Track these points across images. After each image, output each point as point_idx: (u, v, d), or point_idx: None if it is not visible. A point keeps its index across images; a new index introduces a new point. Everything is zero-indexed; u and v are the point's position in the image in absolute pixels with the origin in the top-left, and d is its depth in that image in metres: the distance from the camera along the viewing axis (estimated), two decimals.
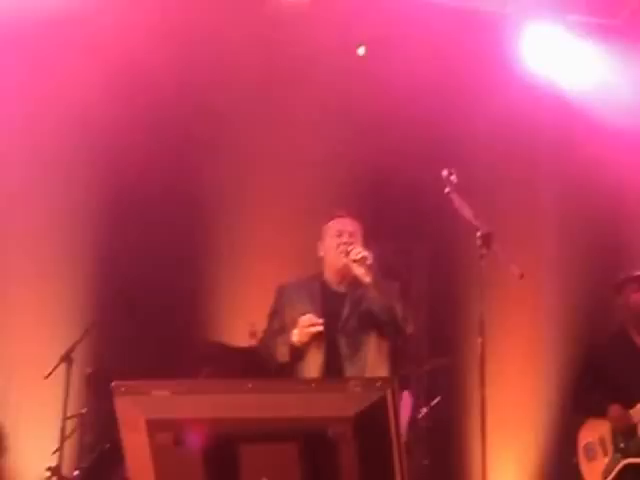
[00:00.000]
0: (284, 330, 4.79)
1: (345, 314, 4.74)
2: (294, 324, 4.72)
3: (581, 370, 5.81)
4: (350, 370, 4.59)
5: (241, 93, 6.82)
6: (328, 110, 6.82)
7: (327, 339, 4.65)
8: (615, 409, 5.50)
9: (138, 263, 6.69)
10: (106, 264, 6.74)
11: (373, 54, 6.84)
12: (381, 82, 6.73)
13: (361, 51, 6.79)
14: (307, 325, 4.63)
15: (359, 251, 4.69)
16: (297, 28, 6.72)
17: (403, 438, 2.79)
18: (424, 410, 6.33)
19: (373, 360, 4.69)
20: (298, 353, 4.67)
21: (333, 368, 4.60)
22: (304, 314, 4.71)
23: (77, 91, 6.54)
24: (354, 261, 4.67)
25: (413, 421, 6.16)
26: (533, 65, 7.14)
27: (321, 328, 4.63)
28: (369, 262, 4.65)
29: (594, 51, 7.18)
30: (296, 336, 4.65)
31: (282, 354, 4.70)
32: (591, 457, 5.59)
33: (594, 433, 5.61)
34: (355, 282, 4.74)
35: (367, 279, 4.64)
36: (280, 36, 6.76)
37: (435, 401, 6.39)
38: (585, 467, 5.62)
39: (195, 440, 2.70)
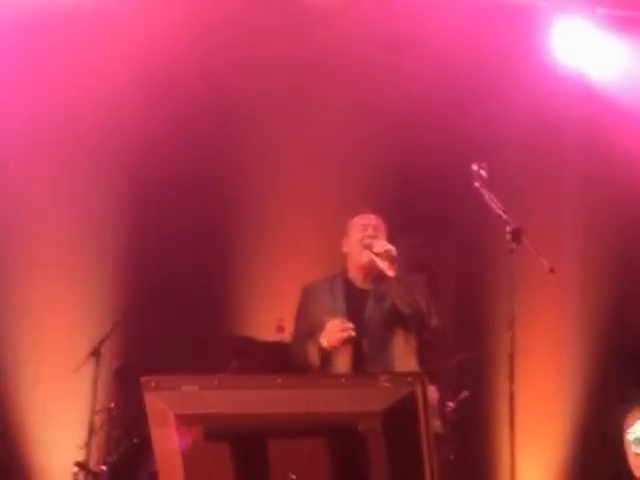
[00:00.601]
0: (312, 332, 4.77)
1: (368, 313, 4.73)
2: (321, 326, 4.70)
3: (628, 359, 5.77)
4: (374, 370, 4.57)
5: (269, 88, 6.80)
6: (356, 105, 6.79)
7: (353, 341, 4.63)
8: None
9: (166, 257, 6.70)
10: (134, 259, 6.76)
11: (402, 48, 6.81)
12: (410, 76, 6.70)
13: None
14: (337, 330, 4.61)
15: (383, 244, 4.67)
16: (326, 23, 6.70)
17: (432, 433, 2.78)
18: (451, 404, 6.30)
19: (401, 355, 4.66)
20: (328, 357, 4.65)
21: (359, 369, 4.58)
22: (329, 312, 4.71)
23: (101, 85, 6.55)
24: (377, 254, 4.65)
25: (440, 415, 6.13)
26: (563, 58, 7.09)
27: (352, 333, 4.61)
28: (393, 255, 4.62)
29: (623, 44, 7.12)
30: (325, 341, 4.63)
31: (313, 357, 4.69)
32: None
33: None
34: (379, 278, 4.71)
35: (391, 273, 4.62)
36: (308, 31, 6.74)
37: (462, 395, 6.36)
38: (632, 458, 5.57)
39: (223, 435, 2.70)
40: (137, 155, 6.72)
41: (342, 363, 4.65)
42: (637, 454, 5.56)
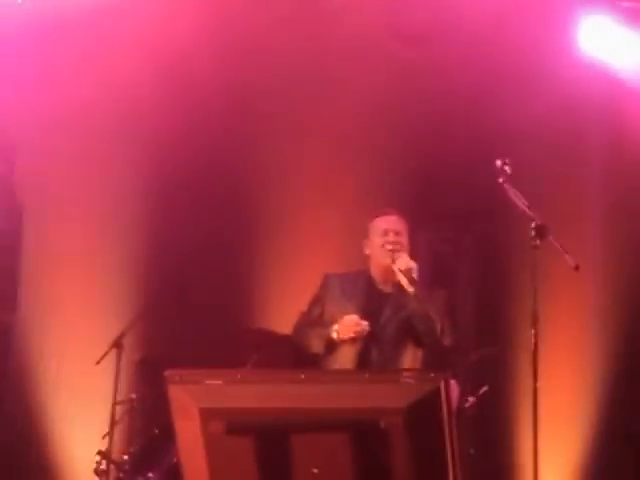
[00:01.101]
0: (322, 319, 4.80)
1: (385, 318, 4.73)
2: (333, 318, 4.72)
3: None
4: None
5: (288, 82, 6.79)
6: (377, 99, 6.76)
7: (363, 342, 4.63)
8: None
9: (187, 250, 6.71)
10: (155, 251, 6.77)
11: (424, 41, 6.78)
12: (433, 70, 6.67)
13: None
14: (352, 325, 4.60)
15: (406, 261, 4.65)
16: (345, 16, 6.68)
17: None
18: (471, 399, 6.29)
19: (407, 367, 4.66)
20: (333, 348, 4.66)
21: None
22: (345, 308, 4.71)
23: (119, 80, 6.55)
24: (399, 270, 4.64)
25: (460, 410, 6.12)
26: (588, 51, 7.04)
27: (366, 330, 4.61)
28: (414, 275, 4.61)
29: None
30: (336, 333, 4.64)
31: (317, 345, 4.70)
32: None
33: None
34: (402, 286, 4.70)
35: (411, 289, 4.61)
36: (328, 23, 6.72)
37: (482, 390, 6.35)
38: None
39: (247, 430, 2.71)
40: (156, 149, 6.74)
41: (345, 358, 4.65)
42: None
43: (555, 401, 6.03)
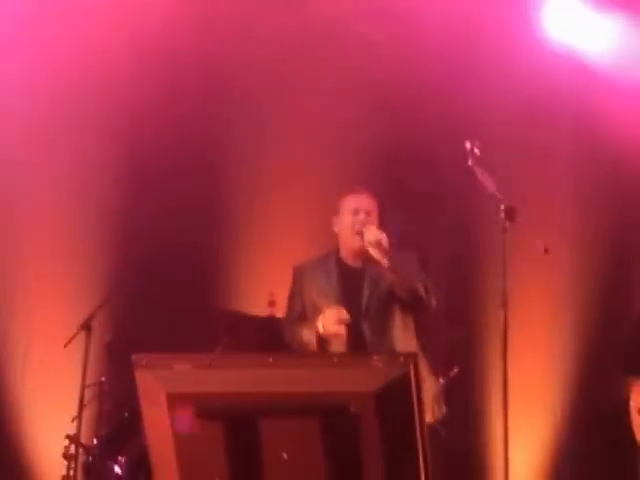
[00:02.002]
0: (305, 312, 4.79)
1: (365, 297, 4.71)
2: (315, 306, 4.71)
3: (634, 330, 5.76)
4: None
5: (261, 63, 6.76)
6: (349, 81, 6.75)
7: (351, 325, 4.61)
8: None
9: (157, 231, 6.67)
10: (124, 233, 6.73)
11: (395, 25, 6.76)
12: (403, 53, 6.66)
13: None
14: (334, 320, 4.58)
15: (375, 233, 4.62)
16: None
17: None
18: (442, 381, 6.31)
19: (401, 338, 4.67)
20: (324, 341, 4.64)
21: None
22: (324, 293, 4.71)
23: (94, 55, 6.51)
24: (369, 243, 4.62)
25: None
26: (555, 34, 7.05)
27: (348, 322, 4.59)
28: (385, 245, 4.59)
29: (615, 20, 7.07)
30: (322, 328, 4.62)
31: (309, 342, 4.68)
32: None
33: None
34: (371, 258, 4.69)
35: (384, 261, 4.58)
36: (302, 7, 6.69)
37: (453, 372, 6.37)
38: (638, 427, 5.57)
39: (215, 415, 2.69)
40: (127, 127, 6.69)
41: (340, 347, 4.62)
42: None
43: (525, 383, 6.06)
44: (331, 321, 4.59)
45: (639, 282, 6.57)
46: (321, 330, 4.62)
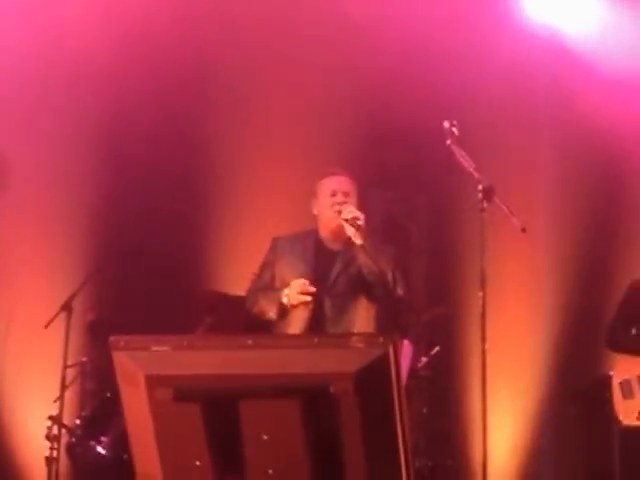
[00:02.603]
0: (273, 283, 4.79)
1: (334, 275, 4.73)
2: (284, 281, 4.72)
3: (619, 306, 5.79)
4: (333, 332, 4.57)
5: (242, 43, 6.74)
6: (330, 61, 6.73)
7: (315, 299, 4.62)
8: None
9: (138, 212, 6.66)
10: (106, 212, 6.71)
11: (375, 8, 6.74)
12: (382, 36, 6.65)
13: None
14: (299, 291, 4.60)
15: (350, 211, 4.63)
16: None
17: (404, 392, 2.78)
18: (424, 359, 6.34)
19: (361, 320, 4.68)
20: (285, 312, 4.66)
21: (316, 329, 4.59)
22: (296, 270, 4.71)
23: (74, 37, 6.46)
24: (345, 220, 4.62)
25: (413, 370, 6.17)
26: (535, 15, 7.04)
27: (312, 295, 4.60)
28: (360, 223, 4.59)
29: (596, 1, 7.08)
30: (286, 298, 4.63)
31: (270, 310, 4.70)
32: (627, 394, 5.57)
33: (632, 370, 5.59)
34: (350, 240, 4.70)
35: (358, 240, 4.59)
36: None
37: (434, 350, 6.39)
38: (619, 403, 5.60)
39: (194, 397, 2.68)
40: (108, 110, 6.66)
41: (299, 320, 4.65)
42: (623, 399, 5.60)
43: (504, 361, 6.10)
44: (295, 292, 4.60)
45: (619, 263, 6.59)
46: (285, 300, 4.63)
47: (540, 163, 6.99)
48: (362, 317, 4.70)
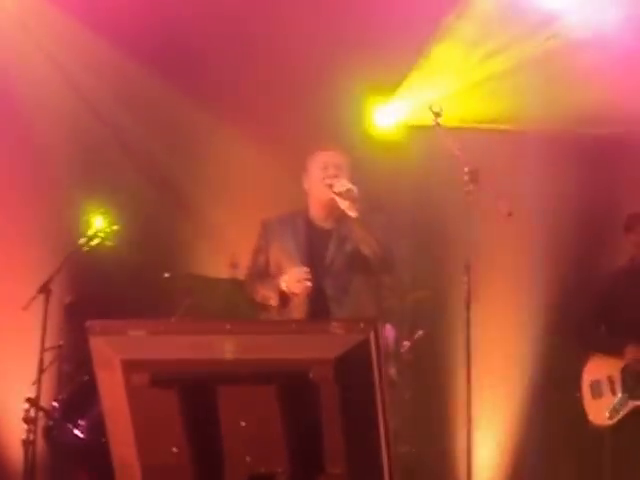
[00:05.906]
0: (268, 268, 4.74)
1: (330, 254, 4.67)
2: (280, 265, 4.67)
3: (588, 304, 5.76)
4: (338, 312, 4.52)
5: (224, 19, 6.68)
6: (317, 35, 6.65)
7: (314, 281, 4.57)
8: (636, 349, 5.45)
9: (116, 191, 6.59)
10: (85, 191, 6.63)
11: None
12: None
13: None
14: (297, 279, 4.54)
15: (344, 183, 4.56)
16: None
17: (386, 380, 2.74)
18: (407, 343, 6.31)
19: (362, 297, 4.64)
20: (286, 299, 4.61)
21: (319, 310, 4.54)
22: (289, 252, 4.66)
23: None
24: (339, 194, 4.55)
25: (396, 354, 6.14)
26: None
27: (310, 281, 4.54)
28: (354, 195, 4.53)
29: None
30: (285, 286, 4.58)
31: (270, 298, 4.64)
32: (597, 394, 5.55)
33: (602, 370, 5.57)
34: (341, 217, 4.63)
35: (352, 213, 4.53)
36: None
37: (418, 334, 6.37)
38: (589, 403, 5.59)
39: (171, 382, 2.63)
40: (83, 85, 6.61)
41: (301, 303, 4.60)
42: (592, 399, 5.58)
43: (489, 347, 6.07)
44: (294, 280, 4.54)
45: (603, 251, 6.56)
46: (285, 288, 4.58)
47: (526, 145, 6.94)
48: (363, 294, 4.66)
